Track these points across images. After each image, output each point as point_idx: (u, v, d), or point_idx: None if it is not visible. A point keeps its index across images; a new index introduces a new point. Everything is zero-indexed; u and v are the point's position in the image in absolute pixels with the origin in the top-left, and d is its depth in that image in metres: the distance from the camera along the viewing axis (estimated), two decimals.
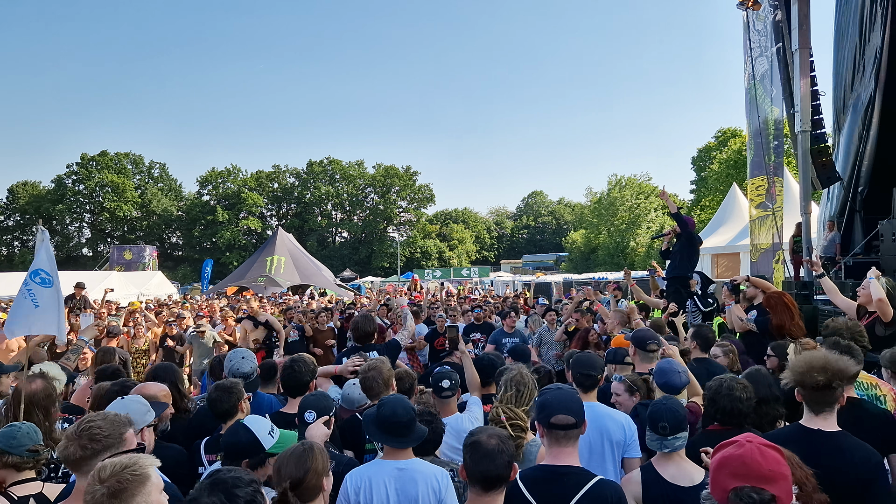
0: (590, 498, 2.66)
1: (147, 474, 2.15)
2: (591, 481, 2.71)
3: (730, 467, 1.79)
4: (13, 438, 2.90)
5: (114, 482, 2.07)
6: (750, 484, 1.73)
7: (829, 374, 2.85)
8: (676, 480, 2.94)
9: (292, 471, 2.42)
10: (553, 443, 2.82)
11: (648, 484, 3.01)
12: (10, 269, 50.43)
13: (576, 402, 2.89)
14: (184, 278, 60.73)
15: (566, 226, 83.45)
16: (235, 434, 2.96)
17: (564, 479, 2.72)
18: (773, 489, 1.72)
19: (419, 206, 78.86)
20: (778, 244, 12.12)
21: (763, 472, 1.74)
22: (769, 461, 1.77)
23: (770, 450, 1.80)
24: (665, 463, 3.05)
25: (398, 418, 3.07)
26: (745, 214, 20.25)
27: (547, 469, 2.77)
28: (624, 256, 53.25)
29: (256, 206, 74.38)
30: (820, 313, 8.12)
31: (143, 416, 3.14)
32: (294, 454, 2.47)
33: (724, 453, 1.84)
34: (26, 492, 2.86)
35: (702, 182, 53.02)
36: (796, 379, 2.93)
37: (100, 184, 71.10)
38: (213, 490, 2.04)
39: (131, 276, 29.94)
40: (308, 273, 30.69)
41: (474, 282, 40.35)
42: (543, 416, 2.83)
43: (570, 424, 2.79)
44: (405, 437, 3.08)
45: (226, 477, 2.10)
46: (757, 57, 12.61)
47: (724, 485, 1.78)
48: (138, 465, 2.15)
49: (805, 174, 10.37)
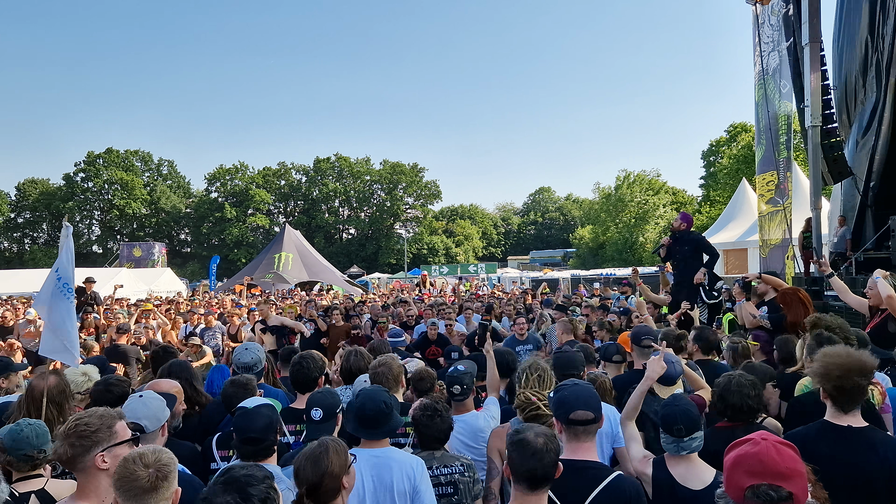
0: (608, 493, 2.66)
1: (176, 461, 2.27)
2: (609, 476, 2.72)
3: (746, 465, 1.77)
4: (14, 441, 2.88)
5: (160, 465, 2.17)
6: (766, 481, 1.71)
7: (867, 373, 2.86)
8: (686, 482, 2.91)
9: (309, 475, 2.41)
10: (572, 438, 2.83)
11: (657, 483, 3.00)
12: (21, 266, 50.88)
13: (593, 397, 2.90)
14: (192, 275, 61.06)
15: (574, 222, 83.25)
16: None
17: (583, 473, 2.73)
18: (789, 486, 1.70)
19: (426, 203, 78.96)
20: (788, 240, 12.04)
21: (780, 470, 1.72)
22: (785, 458, 1.75)
23: (785, 447, 1.79)
24: (676, 462, 3.03)
25: (366, 411, 3.14)
26: (754, 210, 20.15)
27: (566, 463, 2.75)
28: (632, 252, 53.05)
29: (264, 202, 74.63)
30: (831, 309, 8.06)
31: (161, 411, 3.15)
32: (311, 457, 2.46)
33: (740, 451, 1.82)
34: (28, 488, 2.86)
35: (711, 177, 52.74)
36: (833, 382, 2.90)
37: (109, 181, 71.50)
38: (227, 489, 2.04)
39: (141, 273, 30.18)
40: (315, 269, 30.79)
41: (481, 278, 40.38)
42: (562, 413, 2.83)
43: (589, 420, 2.80)
44: (375, 429, 3.13)
45: (238, 475, 2.09)
46: (769, 52, 12.50)
47: (739, 483, 1.76)
48: (167, 451, 2.26)
49: (815, 169, 10.28)
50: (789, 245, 12.04)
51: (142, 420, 3.01)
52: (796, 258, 12.24)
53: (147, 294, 23.09)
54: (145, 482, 2.12)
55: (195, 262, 71.23)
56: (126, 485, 2.15)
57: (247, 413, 3.06)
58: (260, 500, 2.03)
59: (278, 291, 23.49)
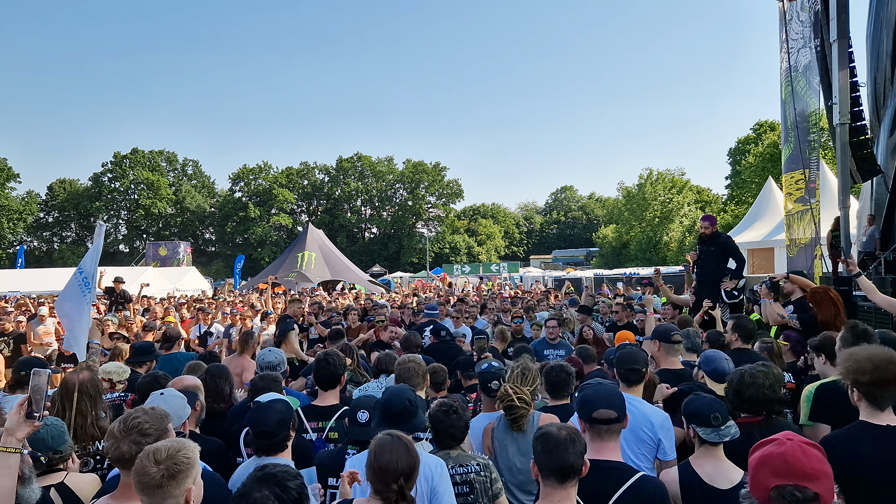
0: (632, 493, 2.64)
1: (196, 459, 2.25)
2: (633, 477, 2.69)
3: (771, 465, 1.75)
4: (29, 441, 2.84)
5: (171, 464, 2.15)
6: (792, 482, 1.69)
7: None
8: (714, 482, 2.88)
9: (405, 464, 2.47)
10: (595, 437, 2.81)
11: (686, 483, 2.96)
12: (50, 265, 51.81)
13: (617, 395, 2.88)
14: (217, 274, 61.70)
15: (597, 221, 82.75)
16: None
17: (607, 473, 2.71)
18: (815, 487, 1.68)
19: (448, 202, 78.97)
20: (816, 239, 11.84)
21: (806, 470, 1.70)
22: (812, 459, 1.73)
23: (811, 448, 1.76)
24: (702, 461, 2.99)
25: (392, 407, 3.18)
26: (780, 209, 19.85)
27: (589, 463, 2.75)
28: (656, 252, 52.60)
29: (287, 202, 75.17)
30: (859, 309, 7.93)
31: (182, 409, 3.20)
32: (398, 447, 2.51)
33: (765, 451, 1.80)
34: (49, 482, 2.89)
35: (737, 175, 52.07)
36: (870, 377, 2.82)
37: (135, 181, 72.53)
38: (266, 483, 2.07)
39: (166, 272, 30.50)
40: (338, 269, 30.93)
41: (503, 277, 40.31)
42: (585, 411, 2.82)
43: (613, 419, 2.78)
44: (399, 426, 3.09)
45: (275, 471, 2.13)
46: (799, 48, 12.30)
47: (765, 483, 1.74)
48: (189, 449, 2.24)
49: (844, 167, 10.09)
50: (817, 244, 11.85)
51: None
52: (824, 258, 12.04)
53: (171, 292, 23.37)
54: (154, 478, 2.12)
55: (219, 260, 72.00)
56: (137, 477, 2.16)
57: (261, 407, 3.12)
58: (297, 493, 2.09)
59: (304, 290, 23.63)
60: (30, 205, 70.38)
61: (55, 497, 2.85)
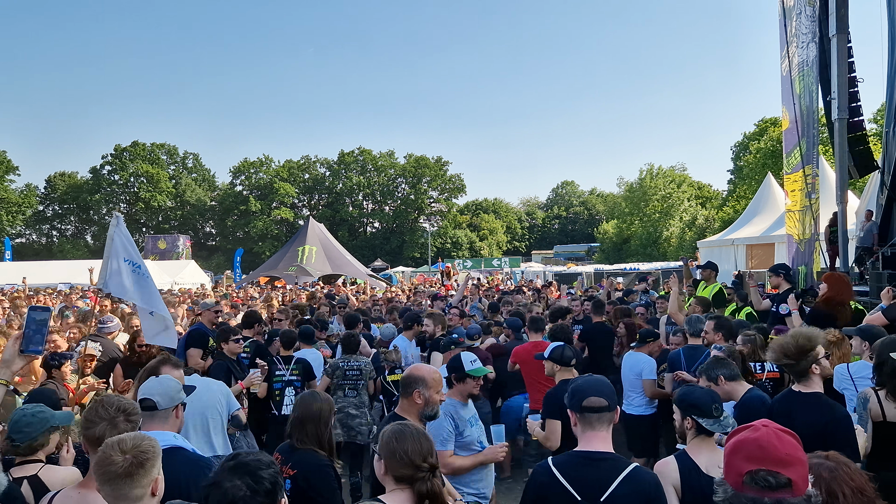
0: (628, 484, 2.64)
1: (160, 449, 2.25)
2: (627, 468, 2.69)
3: (745, 451, 1.75)
4: (16, 430, 2.91)
5: (137, 452, 2.14)
6: (766, 468, 1.70)
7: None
8: (711, 471, 2.91)
9: (427, 447, 2.52)
10: (587, 427, 2.80)
11: (685, 472, 2.99)
12: (49, 258, 51.82)
13: (607, 385, 2.90)
14: (217, 267, 61.59)
15: (598, 216, 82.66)
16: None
17: (600, 464, 2.71)
18: (789, 473, 1.67)
19: (450, 197, 78.83)
20: (815, 234, 11.84)
21: (780, 456, 1.70)
22: (786, 445, 1.72)
23: (786, 434, 1.76)
24: (698, 451, 3.05)
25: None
26: (779, 205, 19.79)
27: (581, 454, 2.75)
28: (657, 247, 52.58)
29: (288, 196, 75.03)
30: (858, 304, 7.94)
31: (176, 393, 3.20)
32: (417, 433, 2.55)
33: (740, 437, 1.80)
34: (22, 473, 2.84)
35: (738, 171, 51.99)
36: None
37: (135, 174, 72.42)
38: (237, 473, 1.99)
39: (165, 266, 30.54)
40: (339, 263, 30.93)
41: (505, 272, 40.32)
42: (575, 401, 2.82)
43: (603, 407, 2.79)
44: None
45: (247, 460, 2.05)
46: (808, 43, 12.19)
47: (738, 469, 1.74)
48: (151, 439, 2.25)
49: (842, 163, 10.11)
50: (816, 240, 11.84)
51: (154, 396, 3.03)
52: (822, 252, 12.04)
53: (171, 286, 23.38)
54: (119, 467, 2.10)
55: (220, 254, 71.89)
56: (101, 468, 2.13)
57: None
58: (270, 483, 2.01)
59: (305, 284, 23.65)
60: (29, 197, 70.27)
61: (26, 490, 2.77)
